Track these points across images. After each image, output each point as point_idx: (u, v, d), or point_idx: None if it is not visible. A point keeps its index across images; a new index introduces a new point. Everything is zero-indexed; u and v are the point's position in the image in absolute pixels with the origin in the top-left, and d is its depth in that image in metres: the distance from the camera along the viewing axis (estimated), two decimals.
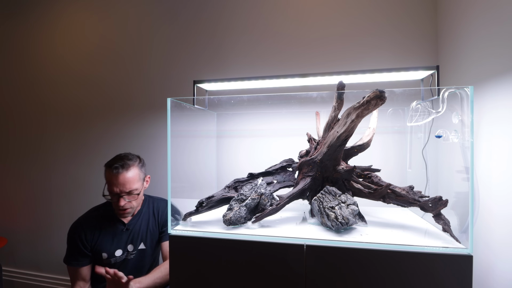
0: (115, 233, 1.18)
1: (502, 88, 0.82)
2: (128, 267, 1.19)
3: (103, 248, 1.16)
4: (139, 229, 1.21)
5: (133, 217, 1.22)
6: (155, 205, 1.28)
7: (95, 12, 1.77)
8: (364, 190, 0.88)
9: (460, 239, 0.72)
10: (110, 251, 1.17)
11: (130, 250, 1.19)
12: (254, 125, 1.43)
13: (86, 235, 1.16)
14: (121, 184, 1.10)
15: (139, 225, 1.21)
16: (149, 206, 1.27)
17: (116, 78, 1.72)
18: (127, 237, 1.19)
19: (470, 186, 0.71)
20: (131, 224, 1.20)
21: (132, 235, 1.20)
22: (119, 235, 1.18)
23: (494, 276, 0.85)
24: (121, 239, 1.18)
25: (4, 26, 1.96)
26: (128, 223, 1.20)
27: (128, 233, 1.19)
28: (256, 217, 0.84)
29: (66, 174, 1.82)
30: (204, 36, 1.57)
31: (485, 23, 0.91)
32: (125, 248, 1.19)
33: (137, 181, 1.15)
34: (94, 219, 1.19)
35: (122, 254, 1.18)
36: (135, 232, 1.20)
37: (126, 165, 1.13)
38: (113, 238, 1.18)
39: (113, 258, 1.17)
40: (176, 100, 0.95)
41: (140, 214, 1.23)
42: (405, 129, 1.17)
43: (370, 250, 0.71)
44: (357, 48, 1.36)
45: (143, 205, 1.26)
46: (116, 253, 1.17)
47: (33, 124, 1.89)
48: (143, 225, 1.22)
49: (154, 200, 1.30)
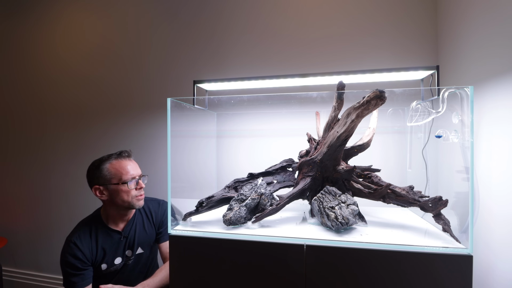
0: (112, 243, 1.14)
1: (502, 88, 0.82)
2: (127, 272, 1.18)
3: (103, 260, 1.13)
4: (135, 234, 1.18)
5: (128, 223, 1.18)
6: (147, 206, 1.24)
7: (94, 12, 1.77)
8: (364, 190, 0.88)
9: (460, 239, 0.72)
10: (109, 261, 1.14)
11: (128, 256, 1.17)
12: (254, 125, 1.43)
13: (85, 253, 1.08)
14: (136, 166, 1.14)
15: (134, 230, 1.18)
16: (141, 209, 1.22)
17: (116, 78, 1.72)
18: (124, 245, 1.16)
19: (470, 186, 0.71)
20: (126, 231, 1.17)
21: (129, 242, 1.17)
22: (116, 244, 1.15)
23: (494, 276, 0.85)
24: (119, 247, 1.15)
25: (4, 26, 1.96)
26: (123, 231, 1.16)
27: (125, 240, 1.16)
28: (256, 217, 0.84)
29: (66, 174, 1.82)
30: (204, 36, 1.57)
31: (485, 23, 0.91)
32: (123, 255, 1.16)
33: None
34: (88, 234, 1.12)
35: (121, 261, 1.16)
36: (131, 238, 1.17)
37: (130, 152, 1.18)
38: (111, 248, 1.14)
39: (113, 267, 1.15)
40: (176, 100, 0.95)
41: (134, 219, 1.20)
42: (405, 129, 1.17)
43: (370, 250, 0.71)
44: (357, 48, 1.36)
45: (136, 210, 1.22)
46: (116, 261, 1.15)
47: (32, 124, 1.89)
48: (138, 229, 1.19)
49: (146, 201, 1.25)
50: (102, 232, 1.14)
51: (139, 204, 1.14)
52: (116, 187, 1.08)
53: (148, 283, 1.06)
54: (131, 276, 1.18)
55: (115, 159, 1.11)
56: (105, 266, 1.13)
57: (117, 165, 1.10)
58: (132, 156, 1.18)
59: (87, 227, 1.14)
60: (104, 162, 1.10)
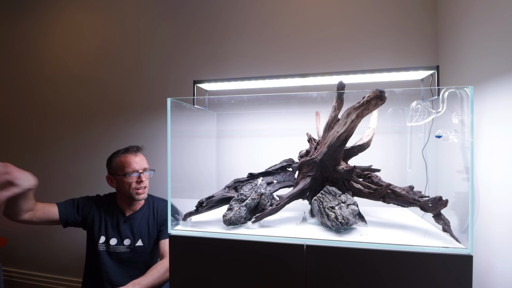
0: (113, 220, 1.25)
1: (502, 88, 0.82)
2: (124, 262, 1.22)
3: (97, 228, 1.23)
4: (139, 225, 1.25)
5: (134, 212, 1.27)
6: (156, 204, 1.32)
7: (94, 12, 1.77)
8: (364, 190, 0.88)
9: (460, 239, 0.72)
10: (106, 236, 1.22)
11: (126, 244, 1.23)
12: (254, 125, 1.43)
13: (85, 204, 1.26)
14: (140, 161, 1.24)
15: (138, 221, 1.26)
16: (150, 205, 1.32)
17: (116, 78, 1.72)
18: (124, 229, 1.24)
19: (470, 186, 0.71)
20: (130, 218, 1.25)
21: (130, 229, 1.24)
22: (116, 224, 1.24)
23: (494, 276, 0.85)
24: (119, 229, 1.23)
25: (4, 26, 1.96)
26: (128, 216, 1.25)
27: (127, 225, 1.24)
28: (256, 217, 0.84)
29: (67, 175, 1.82)
30: (204, 36, 1.57)
31: (485, 23, 0.91)
32: (121, 240, 1.23)
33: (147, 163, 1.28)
34: (97, 201, 1.29)
35: (116, 244, 1.22)
36: (133, 226, 1.24)
37: (139, 148, 1.29)
38: (111, 224, 1.24)
39: (111, 248, 1.22)
40: (176, 100, 0.95)
41: (142, 210, 1.28)
42: (405, 129, 1.17)
43: (370, 250, 0.71)
44: (357, 48, 1.36)
45: (145, 203, 1.31)
46: (111, 242, 1.22)
47: (33, 124, 1.89)
48: (142, 222, 1.26)
49: (155, 200, 1.35)
50: (109, 207, 1.28)
51: (138, 197, 1.24)
52: (120, 178, 1.22)
53: (139, 281, 1.07)
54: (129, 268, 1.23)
55: (122, 153, 1.24)
56: (103, 239, 1.23)
57: (122, 158, 1.22)
58: (141, 151, 1.28)
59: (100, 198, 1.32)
60: (115, 155, 1.25)
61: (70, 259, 1.81)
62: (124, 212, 1.26)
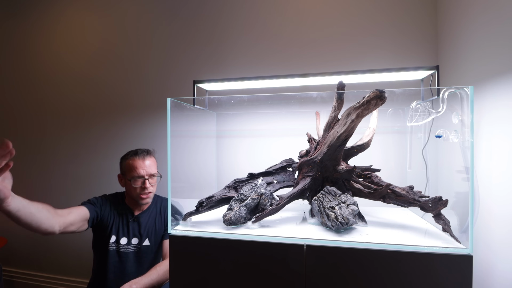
0: (123, 220, 1.25)
1: (502, 88, 0.82)
2: (130, 260, 1.22)
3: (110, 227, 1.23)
4: (146, 224, 1.26)
5: (142, 211, 1.28)
6: (163, 204, 1.34)
7: (94, 12, 1.77)
8: (364, 190, 0.88)
9: (460, 239, 0.72)
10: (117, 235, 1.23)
11: (134, 243, 1.24)
12: (254, 125, 1.43)
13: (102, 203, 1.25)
14: (147, 166, 1.22)
15: (146, 220, 1.27)
16: (157, 204, 1.33)
17: (116, 78, 1.72)
18: (133, 229, 1.24)
19: (470, 186, 0.71)
20: (139, 217, 1.26)
21: (138, 228, 1.25)
22: (126, 223, 1.25)
23: (494, 276, 0.85)
24: (128, 228, 1.24)
25: (4, 26, 1.96)
26: (137, 215, 1.26)
27: (135, 224, 1.25)
28: (256, 217, 0.84)
29: (67, 175, 1.82)
30: (204, 36, 1.57)
31: (485, 23, 0.91)
32: (130, 239, 1.24)
33: (156, 168, 1.28)
34: (110, 200, 1.28)
35: (126, 244, 1.23)
36: (141, 225, 1.25)
37: (149, 152, 1.28)
38: (121, 224, 1.24)
39: (120, 247, 1.22)
40: (176, 100, 0.95)
41: (149, 210, 1.30)
42: (405, 129, 1.17)
43: (370, 250, 0.71)
44: (357, 48, 1.36)
45: (152, 202, 1.32)
46: (122, 241, 1.23)
47: (33, 124, 1.89)
48: (150, 222, 1.27)
49: (163, 200, 1.36)
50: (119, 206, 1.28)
51: (142, 202, 1.24)
52: (128, 181, 1.22)
53: (137, 281, 1.08)
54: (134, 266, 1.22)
55: (131, 156, 1.24)
56: (114, 238, 1.22)
57: (130, 161, 1.22)
58: (149, 155, 1.27)
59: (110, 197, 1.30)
60: (125, 157, 1.25)
61: (70, 259, 1.81)
62: (133, 212, 1.27)
